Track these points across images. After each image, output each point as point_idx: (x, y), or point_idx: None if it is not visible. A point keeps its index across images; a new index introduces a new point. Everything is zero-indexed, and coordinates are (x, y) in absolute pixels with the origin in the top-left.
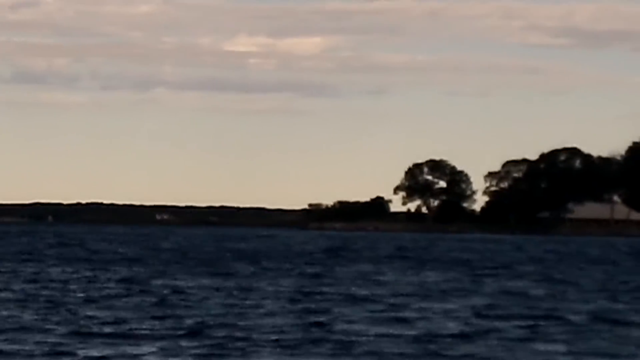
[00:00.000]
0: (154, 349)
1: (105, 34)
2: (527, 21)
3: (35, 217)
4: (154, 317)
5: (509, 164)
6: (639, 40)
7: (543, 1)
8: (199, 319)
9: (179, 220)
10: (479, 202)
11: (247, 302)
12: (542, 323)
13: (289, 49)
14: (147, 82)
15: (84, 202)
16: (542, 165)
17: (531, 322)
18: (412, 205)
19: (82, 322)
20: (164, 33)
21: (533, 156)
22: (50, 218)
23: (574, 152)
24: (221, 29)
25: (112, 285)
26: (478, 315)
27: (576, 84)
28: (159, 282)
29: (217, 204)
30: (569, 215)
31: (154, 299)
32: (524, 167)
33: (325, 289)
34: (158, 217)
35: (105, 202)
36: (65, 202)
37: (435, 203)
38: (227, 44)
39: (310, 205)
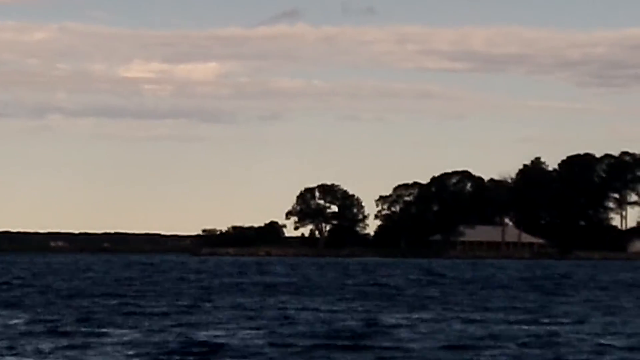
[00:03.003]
0: None
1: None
2: (422, 45)
3: None
4: None
5: (400, 188)
6: (533, 63)
7: (438, 25)
8: None
9: (74, 247)
10: (372, 226)
11: None
12: None
13: (185, 75)
14: (42, 109)
15: None
16: (433, 189)
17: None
18: (305, 230)
19: None
20: (58, 60)
21: (425, 180)
22: None
23: (464, 175)
24: (116, 55)
25: None
26: None
27: (470, 108)
28: None
29: (112, 231)
30: (460, 238)
31: None
32: (415, 191)
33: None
34: (52, 244)
35: None
36: None
37: (327, 227)
38: (121, 70)
39: (204, 230)
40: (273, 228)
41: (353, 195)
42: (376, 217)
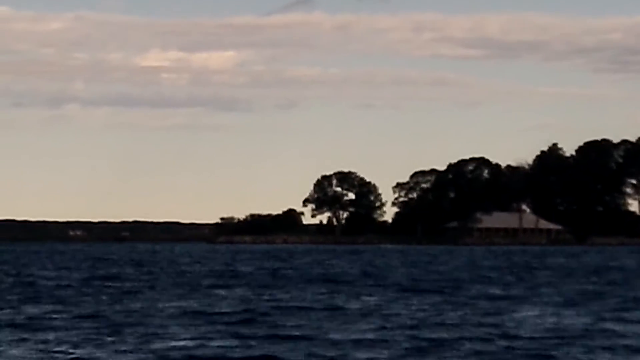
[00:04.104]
0: None
1: (16, 51)
2: (437, 33)
3: None
4: None
5: (418, 175)
6: (549, 50)
7: (453, 12)
8: None
9: (92, 236)
10: (390, 213)
11: None
12: None
13: (202, 64)
14: (59, 98)
15: None
16: (450, 176)
17: None
18: (323, 217)
19: None
20: (75, 49)
21: (442, 167)
22: None
23: (481, 161)
24: (133, 44)
25: None
26: None
27: (486, 95)
28: None
29: (130, 219)
30: (477, 225)
31: None
32: (432, 178)
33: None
34: (71, 233)
35: (18, 219)
36: None
37: (344, 215)
38: (139, 59)
39: (222, 218)
40: (290, 216)
41: (370, 183)
42: (393, 204)
